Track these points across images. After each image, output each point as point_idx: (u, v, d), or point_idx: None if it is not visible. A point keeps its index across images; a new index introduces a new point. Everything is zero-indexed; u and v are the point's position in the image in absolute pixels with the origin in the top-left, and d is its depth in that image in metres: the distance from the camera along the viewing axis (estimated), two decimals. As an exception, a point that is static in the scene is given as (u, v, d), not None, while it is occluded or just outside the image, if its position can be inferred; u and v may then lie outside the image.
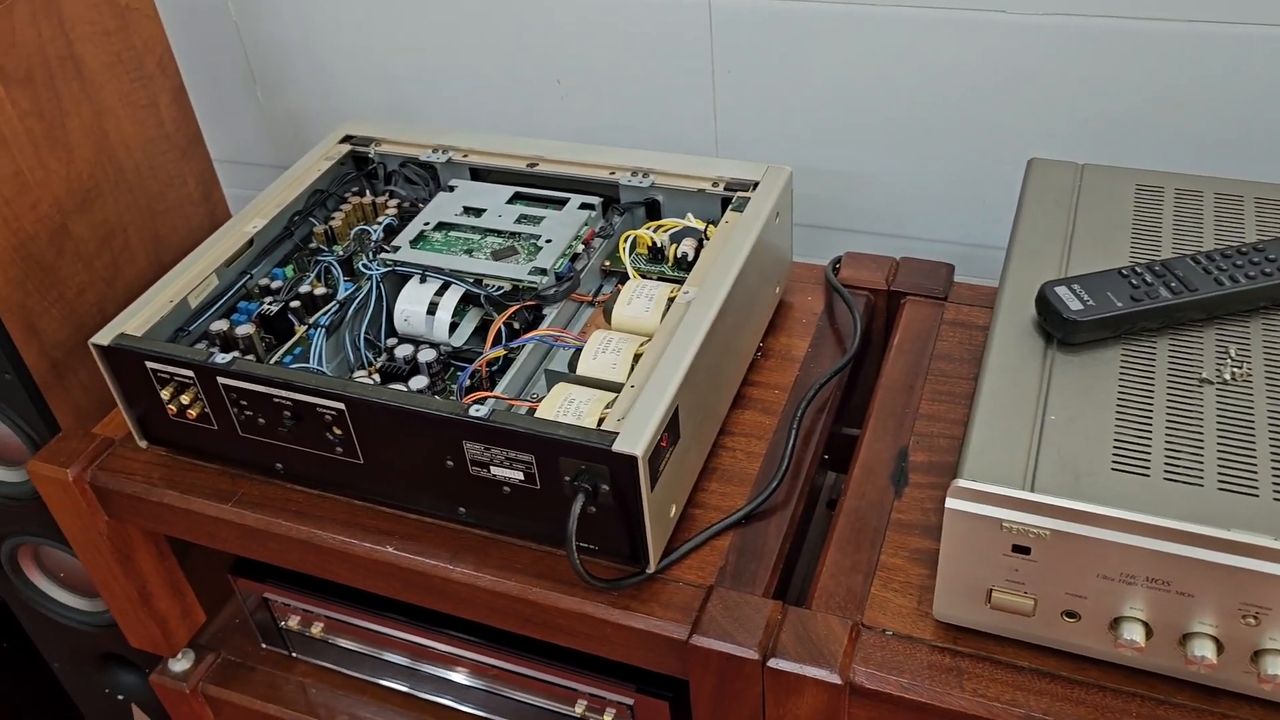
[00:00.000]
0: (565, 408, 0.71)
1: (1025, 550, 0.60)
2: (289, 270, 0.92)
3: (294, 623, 0.98)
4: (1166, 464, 0.60)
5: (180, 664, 1.02)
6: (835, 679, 0.65)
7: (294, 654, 1.02)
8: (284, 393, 0.74)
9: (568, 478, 0.69)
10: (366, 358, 0.84)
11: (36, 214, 0.95)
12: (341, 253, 0.91)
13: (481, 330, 0.85)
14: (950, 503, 0.60)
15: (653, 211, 0.92)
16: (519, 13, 1.10)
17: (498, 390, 0.76)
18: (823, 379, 0.85)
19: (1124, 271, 0.70)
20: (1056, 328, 0.68)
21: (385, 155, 0.99)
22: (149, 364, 0.78)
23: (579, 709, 0.88)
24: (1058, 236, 0.77)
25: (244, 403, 0.77)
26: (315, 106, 1.27)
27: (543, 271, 0.83)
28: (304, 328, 0.84)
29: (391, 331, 0.85)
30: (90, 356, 0.99)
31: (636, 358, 0.75)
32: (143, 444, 0.86)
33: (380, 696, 0.99)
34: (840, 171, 1.08)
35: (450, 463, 0.72)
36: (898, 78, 0.99)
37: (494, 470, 0.71)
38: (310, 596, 0.95)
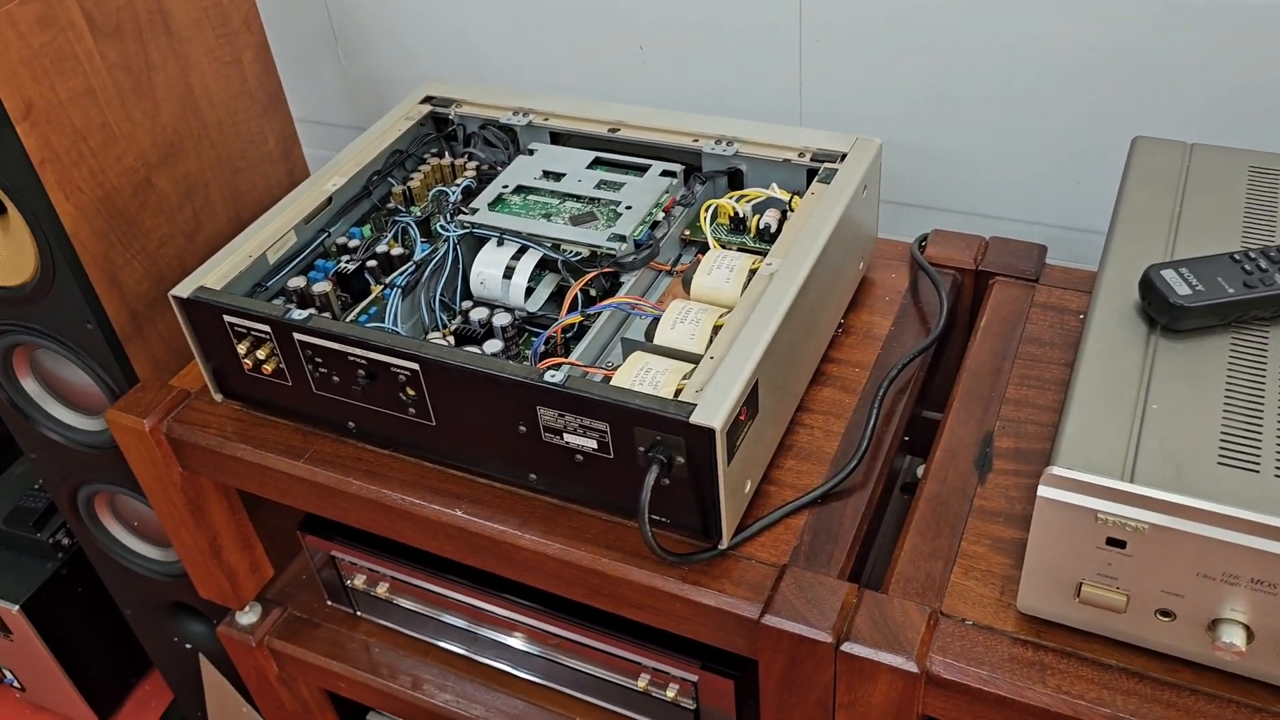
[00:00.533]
0: (642, 377, 0.70)
1: (1120, 544, 0.57)
2: (366, 230, 0.91)
3: (360, 581, 0.98)
4: (1278, 460, 0.56)
5: (247, 617, 1.03)
6: (912, 667, 0.63)
7: (359, 612, 1.03)
8: (359, 351, 0.74)
9: (642, 448, 0.67)
10: (441, 319, 0.83)
11: (122, 167, 0.96)
12: (419, 214, 0.90)
13: (557, 296, 0.84)
14: (1043, 491, 0.57)
15: (735, 181, 0.90)
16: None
17: (573, 357, 0.75)
18: (906, 358, 0.82)
19: (1236, 256, 0.66)
20: (1161, 313, 0.64)
21: (465, 117, 0.98)
22: (227, 318, 0.78)
23: (641, 682, 0.87)
24: (1164, 218, 0.73)
25: (319, 360, 0.77)
26: (395, 68, 1.27)
27: (621, 238, 0.81)
28: (380, 287, 0.84)
29: (466, 294, 0.85)
30: (169, 309, 1.01)
31: (715, 329, 0.73)
32: (218, 397, 0.86)
33: (442, 659, 0.99)
34: (927, 147, 1.05)
35: (523, 428, 0.71)
36: (992, 50, 0.96)
37: (567, 438, 0.70)
38: (376, 556, 0.95)
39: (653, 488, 0.66)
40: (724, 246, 0.84)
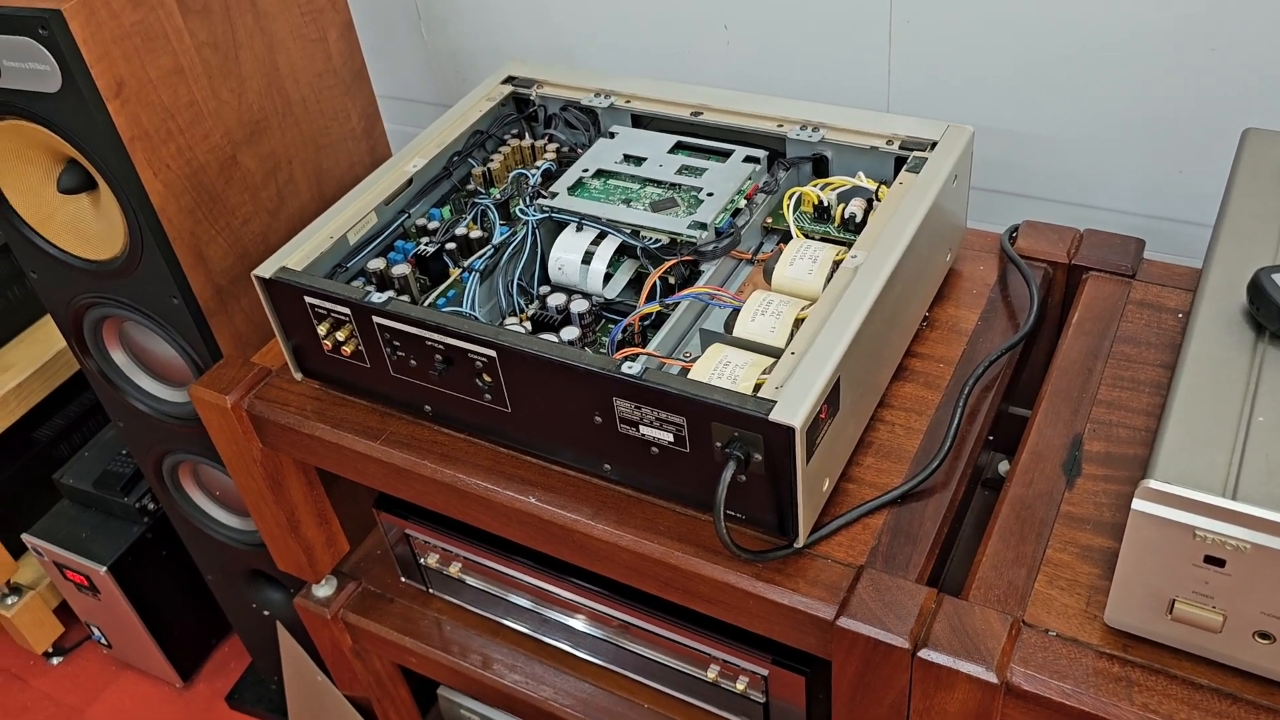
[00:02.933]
0: (720, 370, 0.68)
1: (1219, 562, 0.55)
2: (446, 211, 0.91)
3: (433, 560, 0.99)
4: (1395, 480, 0.53)
5: (323, 590, 1.05)
6: (991, 678, 0.61)
7: (431, 590, 1.04)
8: (436, 336, 0.74)
9: (719, 443, 0.66)
10: (519, 304, 0.82)
11: (209, 144, 0.97)
12: (499, 196, 0.90)
13: (636, 283, 0.83)
14: (1137, 504, 0.55)
15: (819, 168, 0.88)
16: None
17: (650, 347, 0.74)
18: (993, 355, 0.80)
19: (1354, 260, 0.63)
20: (1271, 319, 0.61)
21: (546, 98, 0.97)
22: (308, 299, 0.79)
23: (711, 674, 0.86)
24: (1276, 217, 0.69)
25: (397, 343, 0.77)
26: (477, 44, 1.26)
27: (702, 226, 0.80)
28: (459, 270, 0.84)
29: (544, 279, 0.84)
30: (253, 286, 1.02)
31: (797, 322, 0.72)
32: (298, 376, 0.87)
33: (511, 639, 1.00)
34: (1019, 133, 1.01)
35: (598, 419, 0.71)
36: (1090, 33, 0.92)
37: (643, 430, 0.69)
38: (450, 536, 0.96)
39: (729, 484, 0.65)
40: (807, 236, 0.82)
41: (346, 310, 0.77)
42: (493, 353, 0.72)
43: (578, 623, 0.94)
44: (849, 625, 0.65)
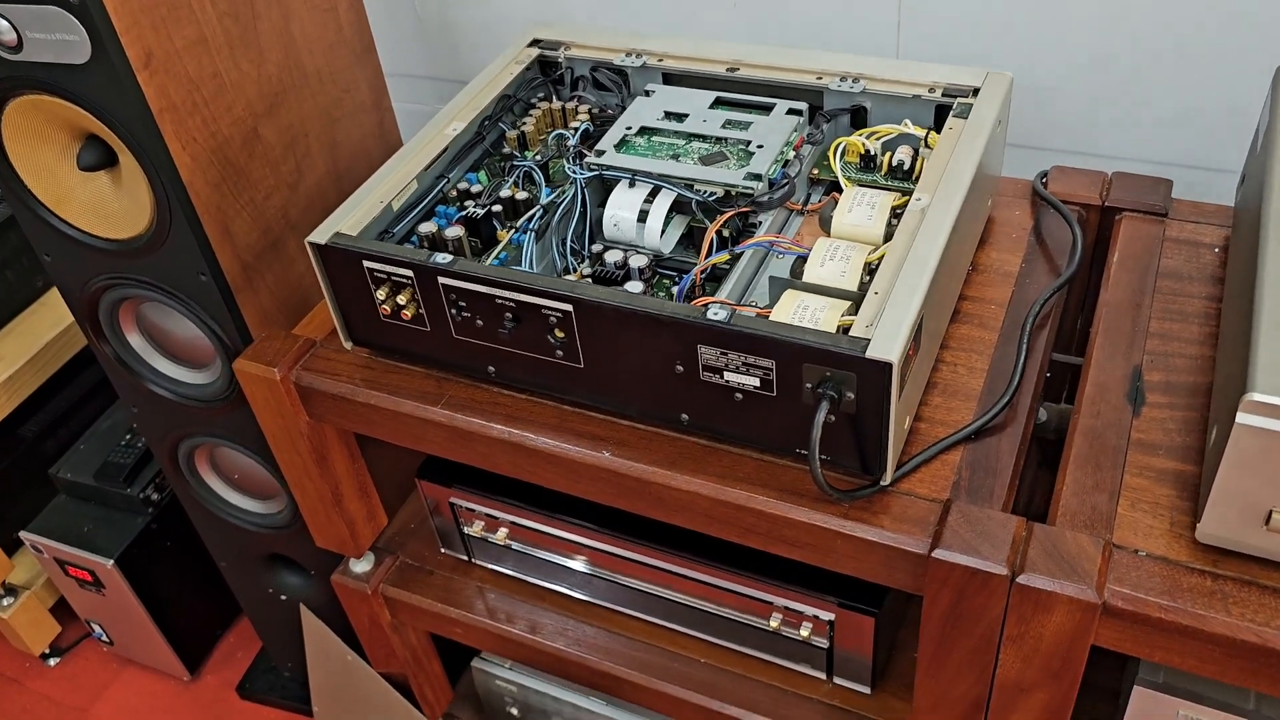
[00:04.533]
0: (800, 313, 0.69)
1: (1318, 470, 0.57)
2: (482, 175, 0.91)
3: (477, 528, 0.98)
4: None
5: (361, 565, 1.04)
6: (1092, 597, 0.63)
7: (474, 559, 1.03)
8: (508, 294, 0.74)
9: (809, 385, 0.67)
10: (572, 263, 0.82)
11: (232, 116, 0.95)
12: (538, 158, 0.89)
13: (687, 237, 0.83)
14: (1241, 418, 0.57)
15: (857, 119, 0.89)
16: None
17: (721, 295, 0.74)
18: (1046, 294, 0.82)
19: None
20: (1341, 239, 0.64)
21: (574, 59, 0.97)
22: (366, 264, 0.78)
23: (774, 622, 0.88)
24: (1324, 145, 0.72)
25: (463, 304, 0.76)
26: (470, 18, 1.25)
27: (757, 177, 0.80)
28: (509, 232, 0.83)
29: (592, 236, 0.84)
30: (277, 261, 1.00)
31: (865, 266, 0.73)
32: (347, 345, 0.86)
33: (559, 603, 1.00)
34: (1037, 86, 1.03)
35: (680, 368, 0.71)
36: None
37: (727, 376, 0.70)
38: (497, 501, 0.96)
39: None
40: (856, 184, 0.83)
41: (409, 273, 0.77)
42: (569, 307, 0.72)
43: (630, 581, 0.95)
44: (945, 556, 0.66)
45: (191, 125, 0.90)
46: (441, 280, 0.76)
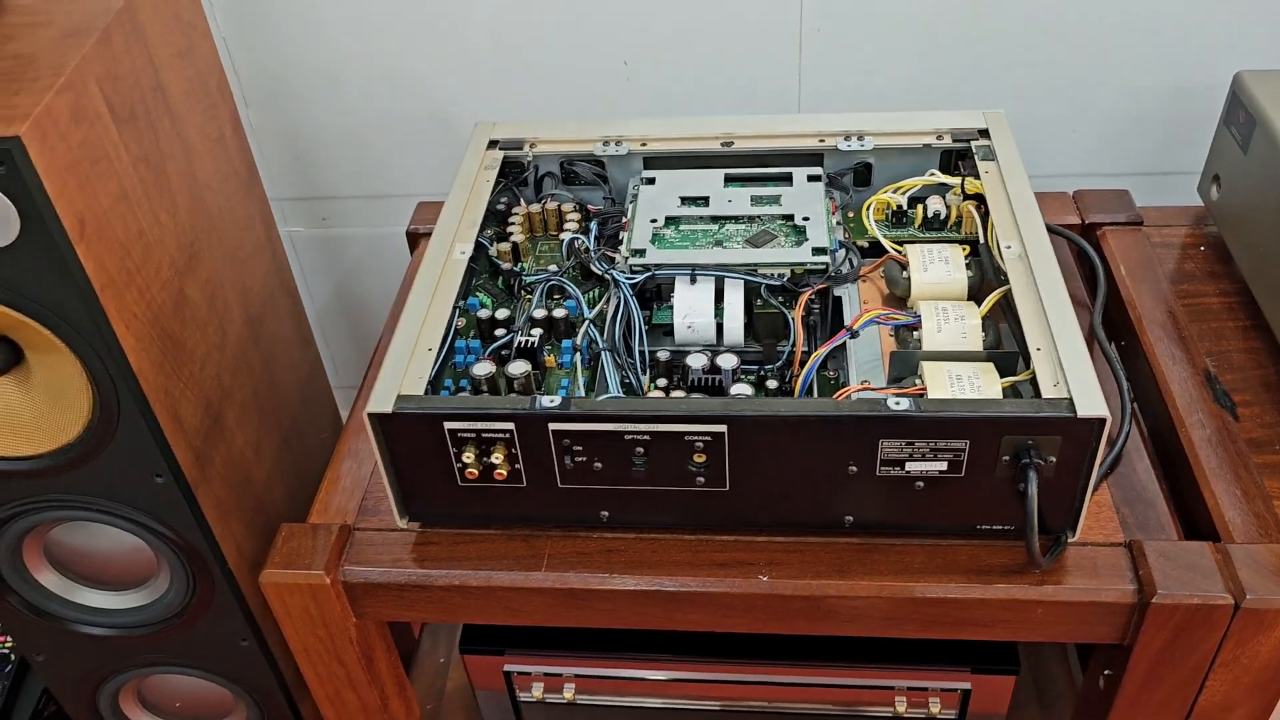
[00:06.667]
0: (959, 385, 0.66)
1: None
2: (483, 298, 0.80)
3: (536, 692, 0.86)
4: None
5: (394, 772, 0.88)
6: (1316, 604, 0.64)
7: (524, 728, 0.91)
8: (644, 428, 0.65)
9: (1006, 457, 0.63)
10: (638, 379, 0.74)
11: (160, 280, 0.78)
12: (553, 268, 0.81)
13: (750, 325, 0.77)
14: None
15: (859, 176, 0.87)
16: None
17: (854, 381, 0.69)
18: (1097, 315, 0.83)
19: None
20: None
21: (542, 155, 0.88)
22: (449, 425, 0.66)
23: (899, 707, 0.83)
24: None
25: (578, 448, 0.66)
26: (316, 122, 1.11)
27: (823, 250, 0.76)
28: (553, 355, 0.74)
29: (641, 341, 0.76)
30: (221, 439, 0.85)
31: (980, 323, 0.71)
32: (402, 523, 0.72)
33: (638, 750, 0.90)
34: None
35: (853, 468, 0.65)
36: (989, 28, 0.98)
37: (909, 466, 0.65)
38: (557, 657, 0.85)
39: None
40: (896, 242, 0.81)
41: (508, 426, 0.66)
42: (722, 428, 0.64)
43: (718, 704, 0.87)
44: (1167, 599, 0.65)
45: (129, 298, 0.73)
46: (553, 427, 0.65)
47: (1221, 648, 0.66)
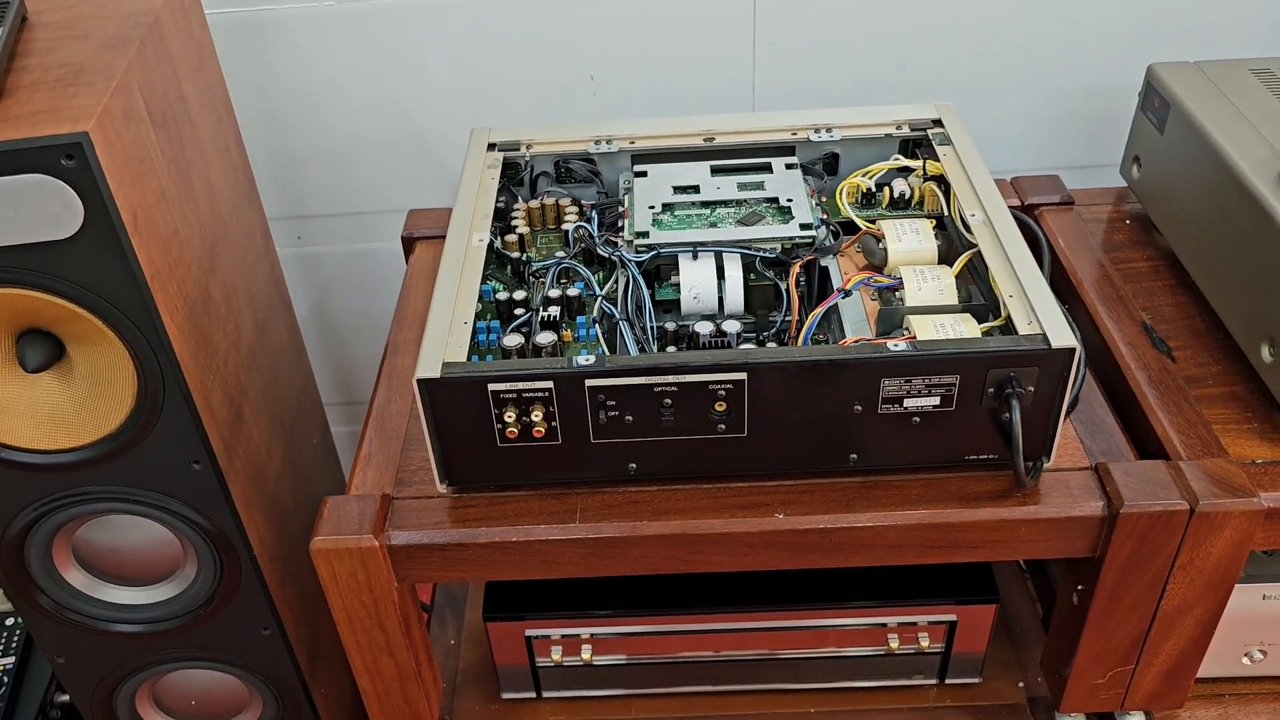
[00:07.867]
0: (943, 330, 0.74)
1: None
2: (496, 285, 0.87)
3: (556, 654, 0.92)
4: None
5: (421, 743, 0.92)
6: (1259, 505, 0.73)
7: (542, 695, 0.96)
8: (671, 379, 0.72)
9: (991, 390, 0.72)
10: (650, 347, 0.81)
11: (191, 277, 0.83)
12: (562, 254, 0.87)
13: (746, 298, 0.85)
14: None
15: (828, 164, 0.96)
16: (547, 10, 1.10)
17: (850, 335, 0.78)
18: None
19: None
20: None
21: (538, 156, 0.95)
22: (492, 386, 0.72)
23: (892, 643, 0.91)
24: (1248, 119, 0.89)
25: (611, 403, 0.73)
26: (302, 143, 1.17)
27: (809, 226, 0.85)
28: (570, 329, 0.81)
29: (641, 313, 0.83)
30: (242, 432, 0.89)
31: (955, 281, 0.80)
32: (442, 488, 0.78)
33: (653, 708, 0.96)
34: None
35: (858, 408, 0.73)
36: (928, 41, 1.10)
37: (907, 403, 0.73)
38: (575, 618, 0.91)
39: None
40: (868, 220, 0.90)
41: (547, 385, 0.72)
42: (742, 375, 0.72)
43: (728, 655, 0.93)
44: (1133, 509, 0.74)
45: (171, 290, 0.78)
46: (590, 383, 0.72)
47: (1180, 551, 0.76)
